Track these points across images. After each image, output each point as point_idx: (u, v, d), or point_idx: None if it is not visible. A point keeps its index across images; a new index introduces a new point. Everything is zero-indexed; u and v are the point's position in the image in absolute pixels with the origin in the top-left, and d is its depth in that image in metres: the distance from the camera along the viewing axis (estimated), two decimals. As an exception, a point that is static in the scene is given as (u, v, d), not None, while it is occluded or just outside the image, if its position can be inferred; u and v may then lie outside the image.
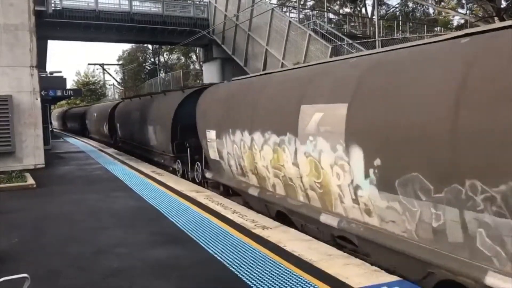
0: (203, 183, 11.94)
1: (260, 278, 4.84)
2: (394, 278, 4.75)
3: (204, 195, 9.63)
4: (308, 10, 40.52)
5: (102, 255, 5.86)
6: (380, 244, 5.50)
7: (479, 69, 4.31)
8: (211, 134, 10.42)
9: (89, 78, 65.99)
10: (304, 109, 6.81)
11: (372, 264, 5.22)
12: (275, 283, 4.70)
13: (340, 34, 24.08)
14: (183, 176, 13.14)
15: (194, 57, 59.24)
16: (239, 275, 4.97)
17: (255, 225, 7.02)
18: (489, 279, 4.17)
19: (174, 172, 13.74)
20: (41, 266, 5.49)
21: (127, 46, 62.11)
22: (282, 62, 22.15)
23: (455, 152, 4.34)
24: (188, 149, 12.69)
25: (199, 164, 12.19)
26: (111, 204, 9.13)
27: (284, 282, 4.73)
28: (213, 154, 10.58)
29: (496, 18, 22.12)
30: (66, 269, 5.38)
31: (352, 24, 39.69)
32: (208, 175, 11.45)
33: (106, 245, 6.28)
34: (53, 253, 6.05)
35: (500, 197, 3.98)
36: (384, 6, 46.98)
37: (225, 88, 11.15)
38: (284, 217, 7.88)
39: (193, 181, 12.22)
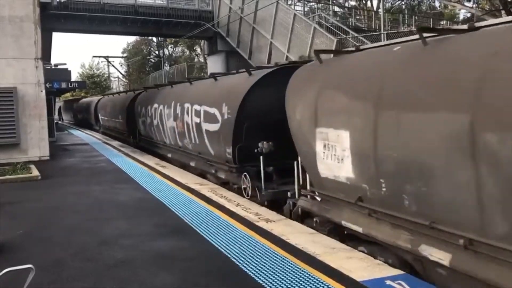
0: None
1: (264, 271, 4.85)
2: (397, 272, 4.75)
3: (208, 188, 9.65)
4: (313, 3, 40.27)
5: (106, 246, 5.89)
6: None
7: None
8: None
9: (93, 71, 66.01)
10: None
11: (375, 258, 5.22)
12: (279, 276, 4.71)
13: (345, 27, 23.92)
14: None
15: (198, 50, 59.13)
16: (243, 268, 4.99)
17: (259, 218, 7.03)
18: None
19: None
20: (45, 256, 5.53)
21: (131, 39, 62.14)
22: (286, 55, 22.03)
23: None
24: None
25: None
26: (115, 195, 9.18)
27: (288, 275, 4.74)
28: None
29: (503, 12, 21.90)
30: (70, 260, 5.41)
31: (358, 17, 39.44)
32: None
33: (110, 236, 6.31)
34: (57, 244, 6.08)
35: None
36: (389, -1, 46.62)
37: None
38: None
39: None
